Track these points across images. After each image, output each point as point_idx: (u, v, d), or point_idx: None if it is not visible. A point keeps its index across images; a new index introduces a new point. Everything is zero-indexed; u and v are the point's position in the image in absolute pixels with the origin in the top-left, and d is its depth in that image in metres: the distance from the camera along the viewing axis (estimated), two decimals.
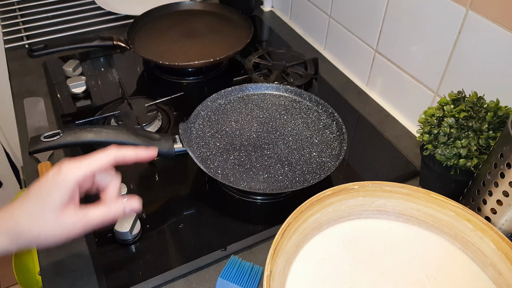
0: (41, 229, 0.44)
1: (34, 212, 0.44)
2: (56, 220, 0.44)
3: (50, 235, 0.45)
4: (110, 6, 1.11)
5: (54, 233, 0.45)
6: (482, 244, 0.51)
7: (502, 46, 0.60)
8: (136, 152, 0.51)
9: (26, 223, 0.44)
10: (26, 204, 0.45)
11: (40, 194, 0.45)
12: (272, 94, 0.79)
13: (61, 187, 0.44)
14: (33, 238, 0.44)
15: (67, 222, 0.45)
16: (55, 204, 0.44)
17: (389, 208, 0.56)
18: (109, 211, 0.47)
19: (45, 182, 0.45)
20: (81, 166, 0.46)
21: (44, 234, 0.44)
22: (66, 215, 0.45)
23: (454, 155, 0.57)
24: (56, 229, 0.45)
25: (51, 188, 0.45)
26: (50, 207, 0.44)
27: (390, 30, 0.80)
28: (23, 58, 0.96)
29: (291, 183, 0.63)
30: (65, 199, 0.45)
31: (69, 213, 0.45)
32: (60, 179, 0.45)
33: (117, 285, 0.55)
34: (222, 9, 1.04)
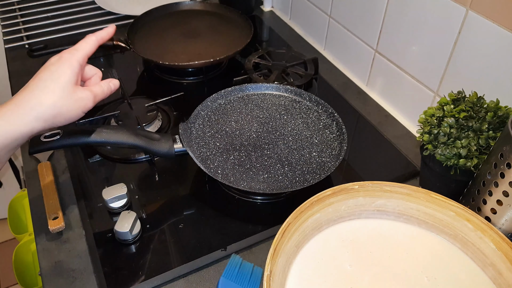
0: (63, 104, 0.49)
1: (53, 89, 0.49)
2: (74, 95, 0.51)
3: (72, 109, 0.51)
4: (110, 6, 1.11)
5: (74, 106, 0.51)
6: (482, 244, 0.51)
7: (502, 46, 0.60)
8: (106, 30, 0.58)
9: (48, 100, 0.48)
10: (42, 84, 0.49)
11: (53, 74, 0.50)
12: (272, 94, 0.79)
13: (70, 66, 0.51)
14: (56, 114, 0.49)
15: (83, 96, 0.52)
16: (69, 80, 0.50)
17: (389, 208, 0.56)
18: (103, 87, 0.56)
19: (53, 66, 0.51)
20: (78, 49, 0.53)
21: (66, 109, 0.50)
22: (79, 90, 0.52)
23: (454, 155, 0.57)
24: (75, 102, 0.51)
25: (62, 68, 0.50)
26: (66, 84, 0.50)
27: (390, 30, 0.80)
28: (23, 58, 0.96)
29: (291, 183, 0.63)
30: (75, 77, 0.51)
31: (80, 89, 0.52)
32: (67, 61, 0.51)
33: (117, 285, 0.55)
34: (222, 9, 1.04)
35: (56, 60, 0.51)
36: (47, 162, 0.70)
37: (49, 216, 0.61)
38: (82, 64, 0.54)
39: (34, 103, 0.48)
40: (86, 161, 0.71)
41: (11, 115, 0.47)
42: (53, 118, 0.50)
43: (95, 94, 0.54)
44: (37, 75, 0.50)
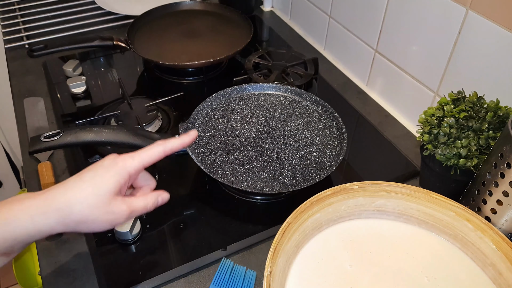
0: (90, 213, 0.45)
1: (86, 195, 0.44)
2: (106, 207, 0.45)
3: (99, 220, 0.45)
4: (110, 6, 1.11)
5: (102, 219, 0.45)
6: (482, 244, 0.51)
7: (502, 46, 0.60)
8: (181, 141, 0.53)
9: (77, 205, 0.44)
10: (79, 185, 0.45)
11: (95, 178, 0.45)
12: (272, 94, 0.79)
13: (116, 175, 0.46)
14: (80, 221, 0.45)
15: (116, 210, 0.46)
16: (108, 190, 0.45)
17: (389, 208, 0.56)
18: (148, 201, 0.50)
19: (101, 168, 0.46)
20: (135, 158, 0.48)
21: (93, 219, 0.45)
22: (116, 203, 0.46)
23: (454, 155, 0.57)
24: (104, 215, 0.45)
25: (107, 174, 0.46)
26: (103, 193, 0.45)
27: (390, 30, 0.80)
28: (23, 58, 0.96)
29: (291, 183, 0.63)
30: (118, 187, 0.46)
31: (118, 201, 0.46)
32: (117, 167, 0.46)
33: (117, 285, 0.55)
34: (222, 9, 1.04)
35: (108, 163, 0.47)
36: (47, 162, 0.70)
37: None
38: (133, 175, 0.49)
39: (62, 205, 0.44)
40: (86, 161, 0.71)
41: (35, 210, 0.43)
42: (76, 225, 0.45)
43: (133, 209, 0.48)
44: (83, 172, 0.46)
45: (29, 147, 0.58)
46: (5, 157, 1.50)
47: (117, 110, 0.78)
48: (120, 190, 0.47)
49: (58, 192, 0.45)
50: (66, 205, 0.44)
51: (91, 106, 0.84)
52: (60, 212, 0.44)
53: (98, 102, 0.84)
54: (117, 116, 0.78)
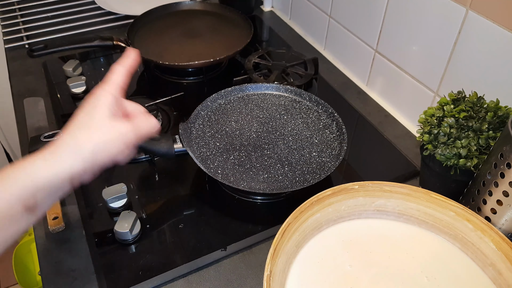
0: (100, 137, 0.45)
1: (86, 123, 0.45)
2: (109, 126, 0.46)
3: (110, 142, 0.46)
4: (110, 6, 1.11)
5: (112, 139, 0.46)
6: (482, 244, 0.51)
7: (502, 46, 0.60)
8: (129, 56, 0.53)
9: (85, 135, 0.45)
10: (77, 121, 0.46)
11: (87, 112, 0.46)
12: (272, 94, 0.79)
13: (103, 100, 0.47)
14: (95, 149, 0.45)
15: (120, 127, 0.47)
16: (106, 113, 0.46)
17: (389, 208, 0.56)
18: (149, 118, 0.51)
19: (86, 104, 0.47)
20: (107, 82, 0.49)
21: (103, 142, 0.45)
22: (117, 122, 0.47)
23: (454, 155, 0.57)
24: (113, 134, 0.46)
25: (94, 104, 0.47)
26: (103, 117, 0.46)
27: (390, 30, 0.80)
28: (23, 58, 0.96)
29: (291, 183, 0.63)
30: (111, 109, 0.47)
31: (119, 121, 0.47)
32: (98, 96, 0.47)
33: (117, 285, 0.55)
34: (222, 9, 1.04)
35: (89, 98, 0.48)
36: None
37: (49, 216, 0.61)
38: (116, 96, 0.49)
39: (70, 142, 0.45)
40: None
41: (47, 154, 0.44)
42: (93, 156, 0.45)
43: (138, 125, 0.49)
44: (74, 117, 0.47)
45: (29, 147, 0.58)
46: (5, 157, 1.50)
47: None
48: (115, 113, 0.48)
49: (64, 136, 0.45)
50: (74, 141, 0.44)
51: None
52: (71, 149, 0.44)
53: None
54: None
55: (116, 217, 0.60)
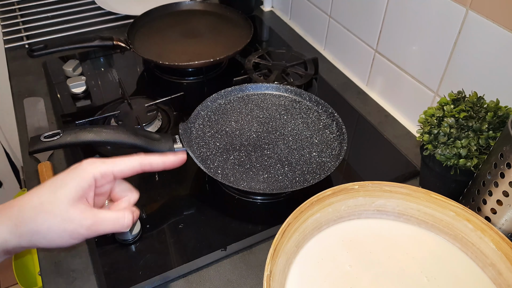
0: (44, 220, 0.40)
1: (42, 201, 0.40)
2: (64, 214, 0.40)
3: (54, 230, 0.40)
4: (110, 6, 1.11)
5: (59, 228, 0.40)
6: (482, 244, 0.51)
7: (502, 46, 0.60)
8: (163, 159, 0.48)
9: (30, 211, 0.40)
10: (37, 193, 0.41)
11: (55, 183, 0.42)
12: (272, 94, 0.79)
13: (77, 178, 0.42)
14: (34, 231, 0.40)
15: (75, 218, 0.41)
16: (67, 194, 0.41)
17: (389, 208, 0.56)
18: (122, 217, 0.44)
19: (63, 174, 0.43)
20: (103, 163, 0.44)
21: (47, 227, 0.40)
22: (75, 210, 0.41)
23: (454, 155, 0.57)
24: (61, 223, 0.40)
25: (67, 178, 0.42)
26: (61, 197, 0.40)
27: (390, 30, 0.80)
28: (23, 58, 0.96)
29: (291, 183, 0.63)
30: (80, 192, 0.41)
31: (79, 208, 0.41)
32: (78, 171, 0.43)
33: (117, 285, 0.55)
34: (222, 9, 1.04)
35: (75, 166, 0.43)
36: (47, 162, 0.70)
37: None
38: (100, 181, 0.44)
39: (15, 211, 0.40)
40: None
41: None
42: (31, 235, 0.40)
43: (98, 221, 0.42)
44: (44, 184, 0.42)
45: (29, 147, 0.58)
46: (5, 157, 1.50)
47: (117, 110, 0.78)
48: (84, 196, 0.42)
49: (13, 203, 0.40)
50: (18, 211, 0.40)
51: (91, 106, 0.84)
52: (13, 220, 0.39)
53: (98, 102, 0.84)
54: (117, 116, 0.78)
55: None
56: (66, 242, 0.42)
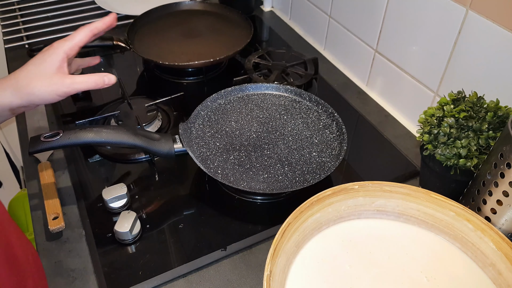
0: (36, 85, 0.57)
1: (31, 73, 0.57)
2: (49, 79, 0.58)
3: (44, 90, 0.57)
4: (110, 6, 1.11)
5: (46, 89, 0.58)
6: (482, 244, 0.51)
7: (502, 46, 0.60)
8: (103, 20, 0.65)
9: (24, 79, 0.57)
10: (25, 68, 0.58)
11: (37, 61, 0.58)
12: (272, 94, 0.79)
13: (53, 55, 0.58)
14: (30, 93, 0.57)
15: (57, 81, 0.58)
16: (49, 67, 0.58)
17: (389, 208, 0.56)
18: (91, 76, 0.61)
19: (41, 53, 0.59)
20: (67, 40, 0.60)
21: (38, 90, 0.57)
22: (57, 75, 0.58)
23: (454, 155, 0.57)
24: (48, 86, 0.57)
25: (45, 56, 0.58)
26: (44, 69, 0.58)
27: (390, 30, 0.80)
28: (23, 58, 0.95)
29: (291, 183, 0.63)
30: (56, 64, 0.58)
31: (59, 75, 0.59)
32: (52, 49, 0.59)
33: (117, 285, 0.55)
34: (222, 9, 1.04)
35: (46, 48, 0.59)
36: (47, 162, 0.70)
37: (49, 216, 0.61)
38: (69, 53, 0.60)
39: (12, 81, 0.57)
40: (86, 161, 0.71)
41: None
42: (28, 97, 0.57)
43: (75, 80, 0.59)
44: (26, 64, 0.59)
45: (29, 147, 0.58)
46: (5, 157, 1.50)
47: (117, 110, 0.78)
48: (61, 67, 0.59)
49: (10, 76, 0.58)
50: (15, 81, 0.57)
51: (91, 106, 0.84)
52: (13, 87, 0.56)
53: (98, 102, 0.84)
54: (117, 116, 0.78)
55: (116, 217, 0.60)
56: (54, 98, 0.59)
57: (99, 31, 0.65)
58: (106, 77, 0.62)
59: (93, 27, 0.63)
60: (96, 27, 0.64)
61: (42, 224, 0.63)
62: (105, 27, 0.65)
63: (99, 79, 0.62)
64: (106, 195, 0.62)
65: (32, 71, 0.58)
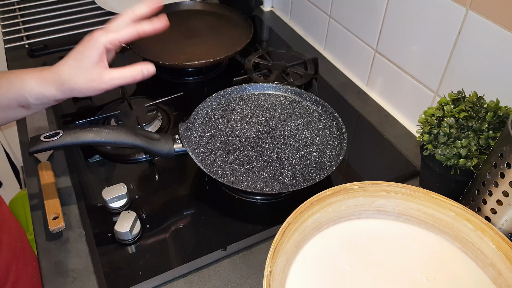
0: (76, 81, 0.56)
1: (72, 67, 0.57)
2: (88, 75, 0.57)
3: (84, 86, 0.57)
4: (110, 6, 1.11)
5: (86, 85, 0.57)
6: (482, 244, 0.51)
7: (502, 46, 0.60)
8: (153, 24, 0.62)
9: (66, 75, 0.57)
10: (66, 62, 0.57)
11: (77, 55, 0.57)
12: (272, 94, 0.79)
13: (93, 48, 0.56)
14: (72, 88, 0.57)
15: (96, 77, 0.57)
16: (88, 61, 0.56)
17: (389, 208, 0.56)
18: (129, 70, 0.58)
19: (81, 46, 0.57)
20: (108, 34, 0.57)
21: (79, 86, 0.57)
22: (96, 71, 0.57)
23: (454, 155, 0.57)
24: (87, 82, 0.57)
25: (85, 50, 0.57)
26: (84, 64, 0.56)
27: (390, 30, 0.80)
28: (23, 58, 0.96)
29: (291, 183, 0.63)
30: (96, 58, 0.56)
31: (98, 70, 0.57)
32: (92, 42, 0.56)
33: (117, 285, 0.55)
34: (222, 9, 1.04)
35: (87, 39, 0.57)
36: (47, 162, 0.70)
37: (49, 216, 0.61)
38: (109, 47, 0.57)
39: (56, 76, 0.57)
40: (86, 161, 0.71)
41: (41, 80, 0.56)
42: (70, 92, 0.57)
43: (113, 76, 0.57)
44: (67, 57, 0.58)
45: (29, 147, 0.58)
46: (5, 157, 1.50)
47: (117, 110, 0.78)
48: (101, 60, 0.57)
49: (53, 69, 0.57)
50: (58, 77, 0.57)
51: (91, 106, 0.84)
52: (56, 82, 0.57)
53: (98, 102, 0.84)
54: (117, 116, 0.78)
55: (116, 217, 0.60)
56: (94, 92, 0.58)
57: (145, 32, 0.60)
58: (144, 68, 0.59)
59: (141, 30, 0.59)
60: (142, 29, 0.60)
61: (42, 224, 0.63)
62: (152, 30, 0.62)
63: (137, 72, 0.59)
64: (106, 195, 0.62)
65: (72, 65, 0.57)
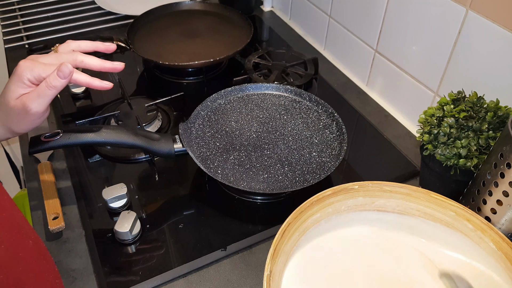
0: (16, 128, 0.55)
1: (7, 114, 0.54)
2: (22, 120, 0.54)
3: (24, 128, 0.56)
4: (110, 6, 1.11)
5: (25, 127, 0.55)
6: (482, 244, 0.51)
7: (502, 46, 0.60)
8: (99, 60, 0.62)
9: (6, 121, 0.55)
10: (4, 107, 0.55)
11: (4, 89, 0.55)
12: (272, 94, 0.79)
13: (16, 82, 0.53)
14: (15, 132, 0.56)
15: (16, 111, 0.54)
16: (12, 95, 0.53)
17: (389, 208, 0.56)
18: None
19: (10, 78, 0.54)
20: (35, 67, 0.53)
21: (21, 129, 0.55)
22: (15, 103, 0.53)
23: (454, 155, 0.57)
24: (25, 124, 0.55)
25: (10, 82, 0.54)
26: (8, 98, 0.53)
27: (390, 30, 0.80)
28: (23, 58, 0.96)
29: (291, 183, 0.63)
30: (19, 91, 0.53)
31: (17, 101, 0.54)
32: (16, 76, 0.53)
33: (117, 285, 0.55)
34: (222, 9, 1.04)
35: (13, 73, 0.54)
36: (47, 162, 0.70)
37: (49, 216, 0.61)
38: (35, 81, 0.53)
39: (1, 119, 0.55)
40: (86, 161, 0.71)
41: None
42: (15, 134, 0.56)
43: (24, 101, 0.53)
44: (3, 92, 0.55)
45: (29, 147, 0.58)
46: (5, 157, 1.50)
47: (117, 110, 0.78)
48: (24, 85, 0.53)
49: None
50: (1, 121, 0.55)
51: (91, 106, 0.84)
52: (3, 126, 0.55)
53: (98, 102, 0.84)
54: (117, 116, 0.78)
55: (116, 217, 0.60)
56: (32, 127, 0.56)
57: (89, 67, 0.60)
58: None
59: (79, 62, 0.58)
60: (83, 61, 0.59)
61: (42, 224, 0.63)
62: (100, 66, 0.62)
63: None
64: (106, 195, 0.62)
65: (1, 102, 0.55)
